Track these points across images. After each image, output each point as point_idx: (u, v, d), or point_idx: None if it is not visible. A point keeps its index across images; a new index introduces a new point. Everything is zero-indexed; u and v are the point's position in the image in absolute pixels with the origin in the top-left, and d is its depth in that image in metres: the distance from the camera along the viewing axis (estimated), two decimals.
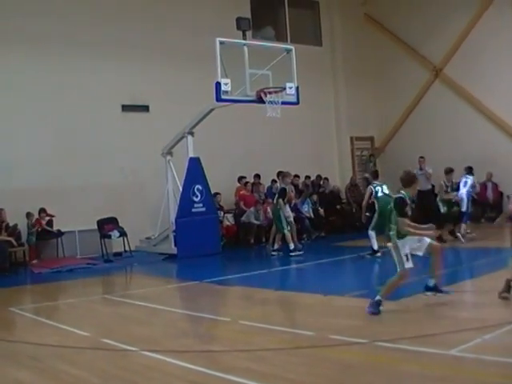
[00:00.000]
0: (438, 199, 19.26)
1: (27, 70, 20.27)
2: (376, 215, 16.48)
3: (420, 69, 27.32)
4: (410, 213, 9.83)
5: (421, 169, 21.09)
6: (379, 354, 7.46)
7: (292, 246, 18.35)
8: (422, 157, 21.84)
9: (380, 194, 16.49)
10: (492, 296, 9.98)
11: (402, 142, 28.11)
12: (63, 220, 19.88)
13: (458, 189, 18.80)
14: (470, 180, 19.03)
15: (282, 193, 18.71)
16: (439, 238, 17.09)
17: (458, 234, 18.43)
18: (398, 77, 28.13)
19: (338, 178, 27.81)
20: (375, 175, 17.79)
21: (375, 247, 16.67)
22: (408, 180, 10.29)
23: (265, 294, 12.74)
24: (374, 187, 16.70)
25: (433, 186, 21.51)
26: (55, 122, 20.57)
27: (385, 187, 16.72)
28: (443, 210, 18.73)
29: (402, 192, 10.05)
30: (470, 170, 19.66)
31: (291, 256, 17.96)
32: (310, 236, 22.08)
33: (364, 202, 17.29)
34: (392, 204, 10.21)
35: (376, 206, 16.53)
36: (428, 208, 20.80)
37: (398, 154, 27.65)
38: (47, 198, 19.88)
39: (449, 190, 19.03)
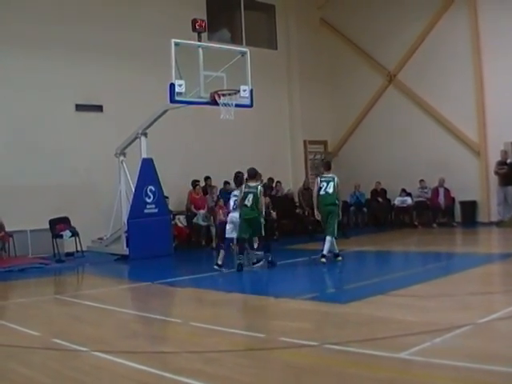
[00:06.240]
0: None
1: None
2: None
3: (374, 74, 27.61)
4: None
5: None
6: (329, 357, 7.51)
7: None
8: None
9: None
10: (442, 300, 10.12)
11: (355, 147, 28.38)
12: (15, 219, 19.58)
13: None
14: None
15: None
16: None
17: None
18: (352, 81, 28.41)
19: (292, 182, 27.90)
20: None
21: None
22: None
23: (216, 295, 12.78)
24: None
25: None
26: (7, 120, 20.34)
27: None
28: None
29: None
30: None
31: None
32: None
33: None
34: None
35: None
36: None
37: (351, 158, 27.90)
38: None
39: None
